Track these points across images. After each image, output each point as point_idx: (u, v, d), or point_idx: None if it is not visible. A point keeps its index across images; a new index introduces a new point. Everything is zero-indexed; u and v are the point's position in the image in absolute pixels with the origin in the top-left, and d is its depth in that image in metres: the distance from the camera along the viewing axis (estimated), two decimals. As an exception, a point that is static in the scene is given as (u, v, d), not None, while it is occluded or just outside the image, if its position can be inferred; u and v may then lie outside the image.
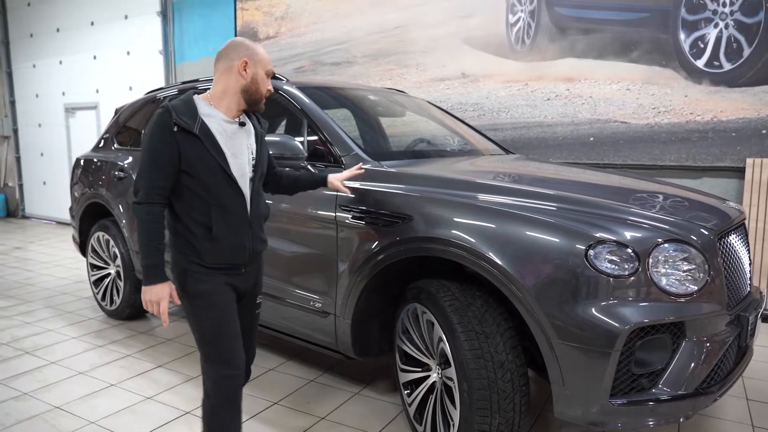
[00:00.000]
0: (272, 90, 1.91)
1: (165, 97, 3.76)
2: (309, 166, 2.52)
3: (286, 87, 2.91)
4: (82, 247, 4.22)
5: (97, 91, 7.80)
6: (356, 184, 2.36)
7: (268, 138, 2.15)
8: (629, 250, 1.75)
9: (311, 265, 2.54)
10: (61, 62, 8.18)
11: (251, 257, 1.90)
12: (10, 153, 9.18)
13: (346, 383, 2.88)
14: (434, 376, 2.20)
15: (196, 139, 1.74)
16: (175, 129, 1.73)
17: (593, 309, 1.73)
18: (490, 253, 1.87)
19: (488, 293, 2.04)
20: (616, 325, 1.70)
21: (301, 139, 2.69)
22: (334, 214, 2.37)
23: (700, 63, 4.13)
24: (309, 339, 2.65)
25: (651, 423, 1.79)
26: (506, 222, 1.90)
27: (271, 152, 2.18)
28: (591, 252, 1.75)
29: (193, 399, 2.70)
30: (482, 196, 2.05)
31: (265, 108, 1.92)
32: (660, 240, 1.79)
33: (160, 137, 1.73)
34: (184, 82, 3.86)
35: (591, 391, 1.74)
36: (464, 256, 1.94)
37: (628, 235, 1.79)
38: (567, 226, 1.82)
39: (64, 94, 8.22)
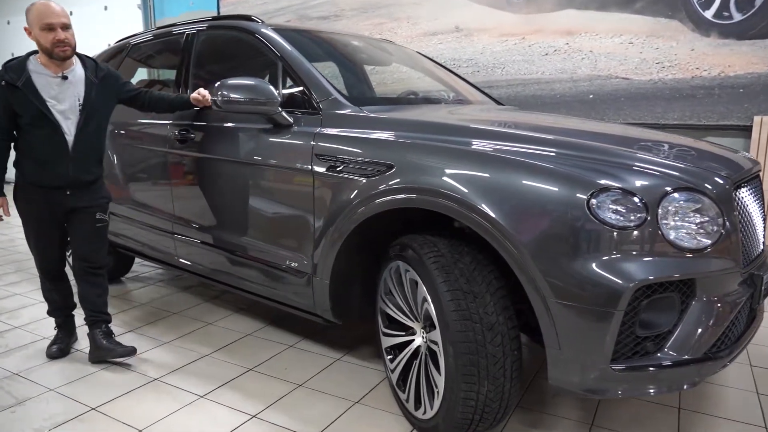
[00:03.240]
0: (59, 39, 2.27)
1: (138, 44, 3.49)
2: (284, 113, 2.29)
3: (261, 29, 2.66)
4: None
5: (75, 48, 7.44)
6: (333, 131, 2.14)
7: (235, 81, 2.25)
8: (636, 199, 1.55)
9: (286, 222, 2.34)
10: (36, 18, 7.78)
11: (74, 183, 2.42)
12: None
13: (327, 349, 2.71)
14: (419, 340, 2.02)
15: (21, 91, 2.27)
16: (3, 83, 2.27)
17: (595, 265, 1.54)
18: (483, 205, 1.66)
19: (478, 250, 1.84)
20: (620, 282, 1.51)
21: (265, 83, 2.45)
22: (310, 167, 2.15)
23: (709, 13, 3.88)
24: (286, 302, 2.47)
25: (652, 391, 1.62)
26: (499, 170, 1.69)
27: (239, 96, 2.21)
28: (593, 201, 1.55)
29: (163, 365, 2.52)
30: (472, 142, 1.83)
31: (242, 52, 1.71)
32: (670, 188, 1.59)
33: None
34: (158, 27, 3.59)
35: (590, 356, 1.57)
36: (453, 208, 1.73)
37: (636, 182, 1.59)
38: (567, 172, 1.62)
39: (40, 52, 7.84)
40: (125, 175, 3.27)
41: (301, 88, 2.35)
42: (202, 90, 2.63)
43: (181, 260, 2.96)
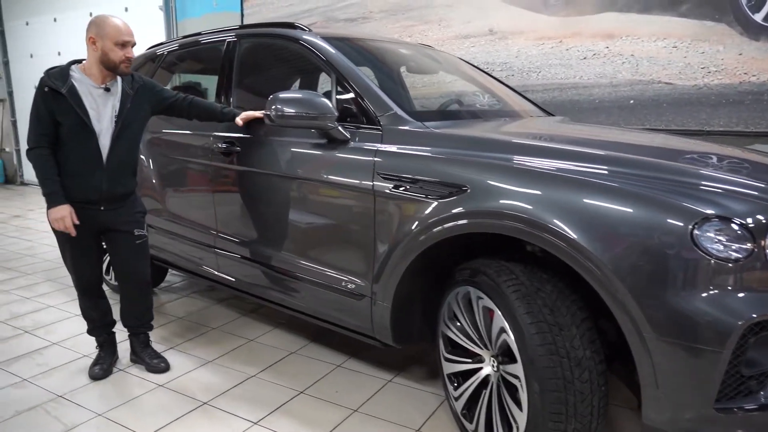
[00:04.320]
0: (129, 57, 2.30)
1: (173, 51, 3.40)
2: (340, 128, 2.20)
3: (307, 37, 2.56)
4: None
5: (95, 50, 7.37)
6: (396, 148, 2.04)
7: (289, 95, 2.20)
8: (744, 229, 1.44)
9: (342, 241, 2.25)
10: (55, 20, 7.73)
11: (108, 196, 2.37)
12: (5, 117, 8.81)
13: (376, 369, 2.62)
14: (488, 369, 1.92)
15: (64, 98, 2.23)
16: (46, 89, 2.23)
17: (699, 299, 1.43)
18: (577, 236, 1.54)
19: (558, 277, 1.74)
20: (729, 319, 1.40)
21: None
22: (371, 183, 2.05)
23: (759, 16, 3.74)
24: (338, 323, 2.37)
25: None
26: (591, 196, 1.58)
27: (294, 111, 2.14)
28: (697, 231, 1.44)
29: (210, 387, 2.44)
30: (554, 163, 1.73)
31: (288, 61, 1.61)
32: (777, 216, 1.48)
33: (37, 96, 2.27)
34: (185, 36, 3.49)
35: (692, 396, 1.46)
36: (541, 237, 1.60)
37: (741, 210, 1.48)
38: (665, 199, 1.51)
39: (59, 54, 7.78)
40: (162, 186, 3.19)
41: (356, 101, 2.25)
42: (250, 113, 2.54)
43: (222, 275, 2.88)
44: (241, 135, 2.60)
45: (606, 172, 1.66)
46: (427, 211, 1.86)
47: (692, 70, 3.99)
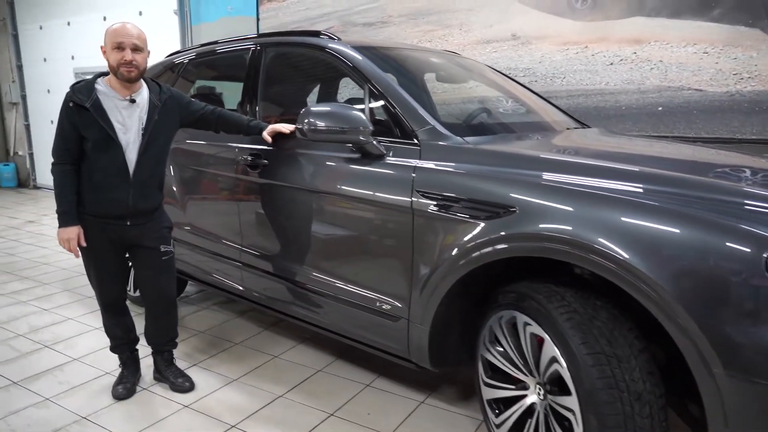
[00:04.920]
0: (127, 60, 2.16)
1: (189, 60, 3.33)
2: (375, 142, 2.11)
3: (335, 45, 2.48)
4: None
5: (108, 54, 7.33)
6: (436, 165, 1.96)
7: (322, 108, 2.11)
8: (821, 258, 1.35)
9: (376, 260, 2.16)
10: (69, 23, 7.70)
11: (134, 211, 2.29)
12: (18, 120, 8.79)
13: (407, 390, 2.53)
14: (533, 397, 1.83)
15: (89, 113, 2.16)
16: (71, 104, 2.18)
17: (775, 333, 1.34)
18: (633, 257, 1.45)
19: (612, 304, 1.64)
20: (810, 356, 1.31)
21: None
22: (409, 200, 1.97)
23: (795, 22, 3.63)
24: (370, 343, 2.29)
25: None
26: (653, 219, 1.48)
27: (328, 125, 2.06)
28: (771, 260, 1.35)
29: (238, 409, 2.36)
30: (607, 183, 1.63)
31: (312, 72, 1.54)
32: None
33: (62, 111, 2.21)
34: (201, 45, 3.42)
35: (764, 436, 1.37)
36: (602, 265, 1.50)
37: (816, 237, 1.38)
38: (732, 225, 1.41)
39: (73, 57, 7.76)
40: (183, 197, 3.12)
41: (391, 114, 2.16)
42: (277, 126, 2.46)
43: (247, 290, 2.80)
44: (268, 147, 2.52)
45: (668, 193, 1.56)
46: (472, 233, 1.77)
47: (724, 76, 3.88)
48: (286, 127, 2.42)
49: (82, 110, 2.18)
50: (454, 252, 1.83)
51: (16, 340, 3.06)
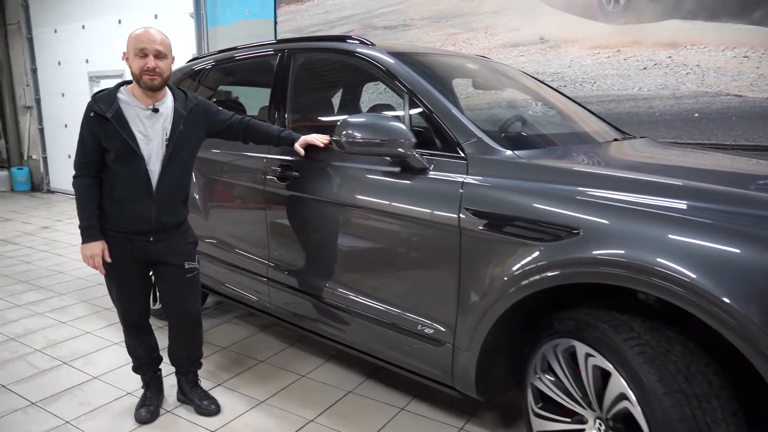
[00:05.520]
0: (149, 67, 2.05)
1: (211, 67, 3.22)
2: (417, 156, 1.98)
3: (370, 51, 2.36)
4: None
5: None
6: (485, 180, 1.83)
7: (361, 120, 2.00)
8: None
9: (418, 281, 2.03)
10: (84, 27, 7.64)
11: (157, 226, 2.18)
12: (33, 124, 8.75)
13: (443, 414, 2.40)
14: (592, 432, 1.69)
15: (110, 123, 2.07)
16: (92, 115, 2.08)
17: None
18: (716, 289, 1.31)
19: (686, 336, 1.50)
20: None
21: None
22: (456, 217, 1.83)
23: (843, 25, 3.46)
24: (408, 368, 2.16)
25: None
26: (732, 242, 1.34)
27: (367, 137, 1.94)
28: None
29: (266, 435, 2.24)
30: (676, 204, 1.49)
31: (342, 77, 1.41)
32: None
33: (83, 122, 2.13)
34: (220, 51, 3.30)
35: None
36: (688, 298, 1.34)
37: None
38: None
39: (87, 61, 7.70)
40: (209, 209, 3.00)
41: (434, 126, 2.04)
42: (310, 138, 2.34)
43: (275, 307, 2.68)
44: (299, 159, 2.40)
45: (746, 214, 1.42)
46: (531, 256, 1.64)
47: (765, 81, 3.71)
48: (320, 139, 2.29)
49: (103, 120, 2.08)
50: (508, 276, 1.69)
51: (33, 356, 2.95)
